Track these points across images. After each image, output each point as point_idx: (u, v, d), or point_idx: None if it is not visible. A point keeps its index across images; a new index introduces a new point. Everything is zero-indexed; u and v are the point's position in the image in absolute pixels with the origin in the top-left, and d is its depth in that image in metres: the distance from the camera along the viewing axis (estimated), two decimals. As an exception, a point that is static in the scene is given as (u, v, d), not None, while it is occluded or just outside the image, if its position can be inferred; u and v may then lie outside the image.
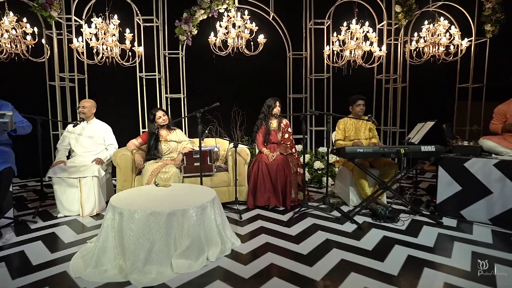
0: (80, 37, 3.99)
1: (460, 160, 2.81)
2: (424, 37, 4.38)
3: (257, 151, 3.76)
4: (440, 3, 4.76)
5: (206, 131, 3.25)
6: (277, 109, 3.54)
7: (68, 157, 3.40)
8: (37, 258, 2.09)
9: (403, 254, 2.11)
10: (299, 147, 4.72)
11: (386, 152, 2.80)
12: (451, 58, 4.43)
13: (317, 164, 4.40)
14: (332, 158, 4.26)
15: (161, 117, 3.34)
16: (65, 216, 3.00)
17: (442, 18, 4.30)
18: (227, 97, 4.99)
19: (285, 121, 3.63)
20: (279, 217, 2.96)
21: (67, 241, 2.40)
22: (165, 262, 1.89)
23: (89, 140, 3.37)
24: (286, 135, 3.57)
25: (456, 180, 2.82)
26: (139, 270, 1.80)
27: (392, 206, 3.15)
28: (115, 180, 3.59)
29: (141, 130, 4.59)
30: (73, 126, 3.22)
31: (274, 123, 3.63)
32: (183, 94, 4.82)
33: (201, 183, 2.92)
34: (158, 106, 4.62)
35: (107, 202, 3.29)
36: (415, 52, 4.58)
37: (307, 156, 4.57)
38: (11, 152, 2.71)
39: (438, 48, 4.35)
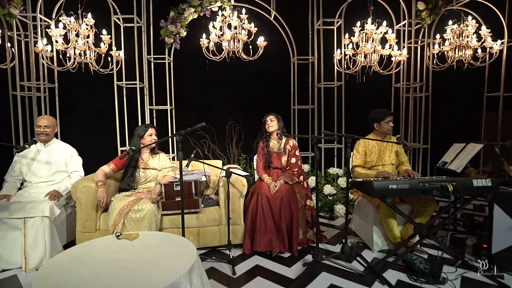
0: (45, 39, 3.36)
1: (523, 197, 2.11)
2: (449, 39, 3.72)
3: (256, 177, 3.08)
4: (466, 0, 4.11)
5: (192, 156, 2.56)
6: (268, 125, 2.88)
7: (19, 189, 2.72)
8: None
9: None
10: (306, 167, 4.05)
11: (427, 189, 2.09)
12: (479, 63, 3.79)
13: (328, 189, 3.71)
14: (343, 182, 3.56)
15: (152, 135, 2.68)
16: (3, 271, 2.29)
17: (470, 18, 3.66)
18: (222, 109, 4.33)
19: (292, 142, 2.94)
20: (284, 270, 2.27)
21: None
22: None
23: (45, 167, 2.69)
24: (293, 160, 2.87)
25: (519, 224, 2.12)
26: None
27: (429, 252, 2.46)
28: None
29: (119, 149, 3.90)
30: (19, 151, 2.53)
31: (275, 143, 2.95)
32: (171, 105, 4.15)
33: (183, 232, 2.20)
34: (145, 121, 3.96)
35: (67, 243, 2.61)
36: (437, 56, 3.93)
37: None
38: None
39: (465, 52, 3.70)
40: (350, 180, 2.50)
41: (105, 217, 2.50)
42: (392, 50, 3.59)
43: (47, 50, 3.28)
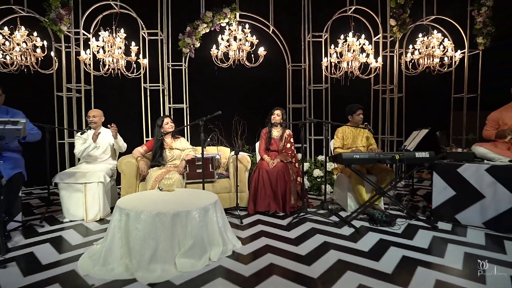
0: (88, 50, 4.17)
1: (453, 166, 2.91)
2: (418, 49, 4.55)
3: (257, 158, 3.87)
4: (433, 17, 4.94)
5: (208, 139, 3.37)
6: (274, 117, 3.67)
7: (73, 165, 3.51)
8: (46, 259, 2.18)
9: (398, 255, 2.19)
10: (299, 156, 4.84)
11: (381, 158, 2.91)
12: (445, 69, 4.59)
13: (316, 172, 4.49)
14: (331, 166, 4.36)
15: (169, 123, 3.48)
16: (70, 221, 3.09)
17: (435, 31, 4.48)
18: (228, 107, 5.11)
19: (288, 132, 3.75)
20: (278, 221, 3.05)
21: (73, 244, 2.48)
22: (169, 261, 1.97)
23: (96, 149, 3.49)
24: (288, 145, 3.68)
25: (450, 185, 2.91)
26: (145, 268, 1.89)
27: (389, 211, 3.24)
28: (119, 188, 3.70)
29: (145, 139, 4.71)
30: (81, 134, 3.34)
31: (276, 132, 3.76)
32: (186, 104, 4.97)
33: (203, 189, 3.01)
34: (162, 116, 4.76)
35: (111, 208, 3.39)
36: (410, 63, 4.73)
37: (307, 165, 4.67)
38: (21, 158, 2.82)
39: (433, 60, 4.51)
40: (329, 155, 3.31)
41: (143, 185, 3.29)
42: (369, 58, 4.41)
43: (89, 59, 4.10)
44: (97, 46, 3.92)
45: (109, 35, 4.03)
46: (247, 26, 4.15)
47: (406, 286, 1.76)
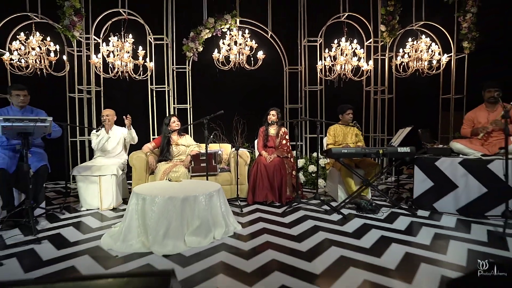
0: (99, 54, 4.50)
1: (431, 160, 3.24)
2: (408, 52, 4.89)
3: (256, 154, 4.20)
4: (422, 22, 5.28)
5: (211, 137, 3.70)
6: (270, 117, 4.00)
7: (84, 160, 3.84)
8: (72, 237, 2.52)
9: (377, 235, 2.53)
10: (294, 153, 5.18)
11: (367, 153, 3.24)
12: (433, 71, 4.92)
13: (311, 168, 4.82)
14: (324, 161, 4.69)
15: (175, 122, 3.82)
16: (87, 210, 3.42)
17: (424, 36, 4.82)
18: (229, 107, 5.40)
19: (283, 129, 4.09)
20: (275, 210, 3.38)
21: (93, 227, 2.82)
22: (180, 238, 2.30)
23: (111, 143, 3.81)
24: (284, 141, 4.02)
25: (429, 177, 3.25)
26: (159, 243, 2.22)
27: (376, 202, 3.58)
28: (129, 182, 4.03)
29: (151, 136, 5.05)
30: (96, 131, 3.67)
31: (272, 130, 4.09)
32: (189, 104, 5.30)
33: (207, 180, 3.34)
34: (168, 115, 5.09)
35: (123, 199, 3.72)
36: (401, 66, 5.07)
37: (302, 161, 5.00)
38: (44, 153, 3.16)
39: (421, 63, 4.85)
40: (322, 151, 3.64)
41: (152, 178, 3.62)
42: (360, 62, 4.74)
43: (99, 62, 4.43)
44: (107, 50, 4.26)
45: (118, 40, 4.37)
46: (246, 31, 4.48)
47: (379, 256, 2.10)
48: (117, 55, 4.39)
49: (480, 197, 2.93)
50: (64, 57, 4.80)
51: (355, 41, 4.63)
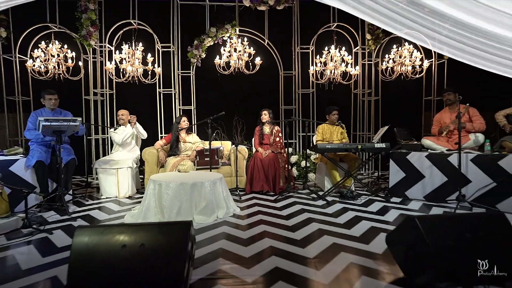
0: (112, 61, 5.02)
1: (404, 154, 3.77)
2: (393, 58, 5.41)
3: (253, 150, 4.73)
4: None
5: (214, 134, 4.23)
6: (263, 117, 4.53)
7: (99, 157, 4.37)
8: (100, 217, 3.06)
9: (352, 215, 3.05)
10: (289, 150, 5.71)
11: (348, 148, 3.77)
12: (416, 76, 5.43)
13: (304, 163, 5.35)
14: (314, 157, 5.21)
15: (185, 121, 4.35)
16: (106, 198, 3.95)
17: (407, 43, 5.33)
18: (230, 108, 5.90)
19: (277, 128, 4.61)
20: (269, 198, 3.91)
21: (115, 210, 3.35)
22: (189, 216, 2.83)
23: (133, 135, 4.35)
24: (277, 138, 4.55)
25: (401, 169, 3.77)
26: (173, 220, 2.74)
27: (358, 192, 4.10)
28: (141, 176, 4.55)
29: (159, 135, 5.57)
30: (114, 130, 4.21)
31: (267, 128, 4.62)
32: (193, 106, 5.83)
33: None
34: (179, 115, 5.62)
35: (136, 189, 4.25)
36: (387, 71, 5.58)
37: (296, 157, 5.52)
38: (71, 148, 3.69)
39: (405, 68, 5.36)
40: (310, 146, 4.17)
41: (162, 171, 4.14)
42: (347, 67, 5.26)
43: (112, 68, 4.95)
44: (120, 57, 4.79)
45: (129, 48, 4.89)
46: (245, 39, 5.01)
47: (349, 228, 2.63)
48: (129, 61, 4.90)
49: (442, 185, 3.46)
50: (80, 63, 5.33)
51: (343, 48, 5.15)
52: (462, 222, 1.65)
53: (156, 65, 5.39)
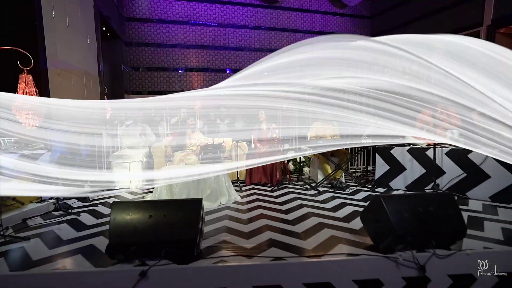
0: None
1: (388, 149, 4.18)
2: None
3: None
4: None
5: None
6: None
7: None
8: (118, 203, 3.47)
9: (339, 201, 3.47)
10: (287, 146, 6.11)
11: (337, 144, 4.18)
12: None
13: (299, 158, 5.76)
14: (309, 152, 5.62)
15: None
16: (120, 188, 4.37)
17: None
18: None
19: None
20: (266, 188, 4.33)
21: (129, 198, 3.77)
22: (196, 202, 3.25)
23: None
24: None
25: (386, 162, 4.18)
26: (183, 204, 3.16)
27: (348, 183, 4.52)
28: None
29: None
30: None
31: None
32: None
33: (214, 165, 4.29)
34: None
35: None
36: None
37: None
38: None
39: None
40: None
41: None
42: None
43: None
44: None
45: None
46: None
47: (335, 212, 3.05)
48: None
49: (421, 176, 3.87)
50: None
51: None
52: (417, 200, 2.07)
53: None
